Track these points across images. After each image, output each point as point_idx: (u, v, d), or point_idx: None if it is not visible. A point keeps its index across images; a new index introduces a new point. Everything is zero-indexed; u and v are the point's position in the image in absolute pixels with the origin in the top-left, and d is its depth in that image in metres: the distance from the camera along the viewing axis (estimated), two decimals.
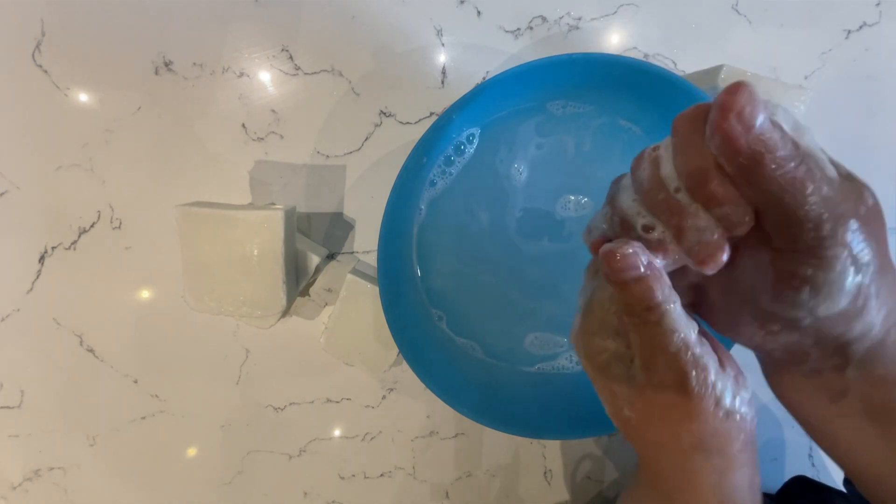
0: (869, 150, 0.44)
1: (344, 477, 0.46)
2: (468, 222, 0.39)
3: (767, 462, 0.47)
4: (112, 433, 0.45)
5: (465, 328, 0.40)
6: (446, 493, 0.46)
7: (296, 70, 0.41)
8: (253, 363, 0.44)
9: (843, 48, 0.43)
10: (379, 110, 0.42)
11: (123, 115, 0.41)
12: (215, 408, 0.45)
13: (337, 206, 0.43)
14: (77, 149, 0.41)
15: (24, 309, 0.43)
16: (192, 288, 0.38)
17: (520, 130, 0.38)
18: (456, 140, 0.38)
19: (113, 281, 0.43)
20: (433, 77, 0.42)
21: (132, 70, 0.40)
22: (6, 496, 0.45)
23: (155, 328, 0.43)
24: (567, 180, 0.38)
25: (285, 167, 0.42)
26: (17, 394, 0.44)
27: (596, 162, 0.38)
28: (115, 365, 0.44)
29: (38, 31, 0.40)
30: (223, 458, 0.45)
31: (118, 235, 0.42)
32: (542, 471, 0.47)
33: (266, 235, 0.36)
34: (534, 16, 0.41)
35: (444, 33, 0.41)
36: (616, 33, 0.42)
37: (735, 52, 0.42)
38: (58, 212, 0.42)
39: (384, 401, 0.45)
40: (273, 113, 0.41)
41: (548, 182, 0.38)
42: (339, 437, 0.45)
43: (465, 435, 0.46)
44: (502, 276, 0.40)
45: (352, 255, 0.43)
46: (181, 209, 0.36)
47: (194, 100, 0.41)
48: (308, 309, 0.44)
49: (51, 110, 0.40)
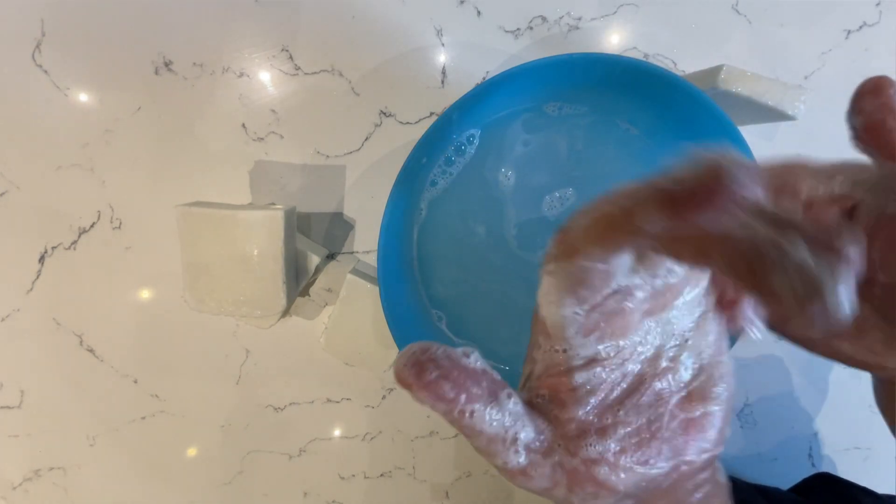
0: None
1: (344, 477, 0.46)
2: (469, 223, 0.39)
3: (768, 462, 0.47)
4: (112, 433, 0.45)
5: (465, 329, 0.40)
6: (446, 493, 0.46)
7: (296, 70, 0.41)
8: (253, 363, 0.44)
9: (843, 48, 0.43)
10: (379, 110, 0.42)
11: (123, 115, 0.41)
12: (215, 408, 0.45)
13: (337, 206, 0.43)
14: (77, 149, 0.41)
15: (24, 309, 0.43)
16: (192, 288, 0.38)
17: (519, 130, 0.38)
18: (456, 140, 0.38)
19: (113, 281, 0.43)
20: (433, 77, 0.42)
21: (132, 70, 0.40)
22: (6, 496, 0.45)
23: (155, 328, 0.43)
24: (569, 179, 0.38)
25: (285, 167, 0.42)
26: (17, 394, 0.44)
27: (600, 160, 0.38)
28: (115, 365, 0.44)
29: (38, 31, 0.40)
30: (223, 458, 0.45)
31: (118, 235, 0.42)
32: None
33: (266, 235, 0.36)
34: (534, 16, 0.41)
35: (444, 33, 0.41)
36: (616, 33, 0.42)
37: (735, 52, 0.42)
38: (58, 212, 0.42)
39: (384, 401, 0.45)
40: (273, 113, 0.41)
41: (550, 181, 0.38)
42: (339, 437, 0.45)
43: None
44: (504, 279, 0.40)
45: (352, 255, 0.43)
46: (181, 209, 0.36)
47: (194, 100, 0.41)
48: (308, 309, 0.44)
49: (51, 110, 0.41)
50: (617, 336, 0.17)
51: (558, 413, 0.17)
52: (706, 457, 0.17)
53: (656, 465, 0.16)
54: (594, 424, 0.16)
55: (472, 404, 0.15)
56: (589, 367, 0.17)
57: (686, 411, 0.17)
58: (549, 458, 0.16)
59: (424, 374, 0.15)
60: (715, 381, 0.17)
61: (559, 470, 0.16)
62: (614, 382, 0.17)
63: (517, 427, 0.16)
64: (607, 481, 0.16)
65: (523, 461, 0.16)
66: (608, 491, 0.16)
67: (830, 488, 0.38)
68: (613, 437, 0.16)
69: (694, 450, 0.17)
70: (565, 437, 0.16)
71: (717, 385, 0.17)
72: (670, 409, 0.17)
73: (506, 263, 0.40)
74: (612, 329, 0.16)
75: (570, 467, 0.16)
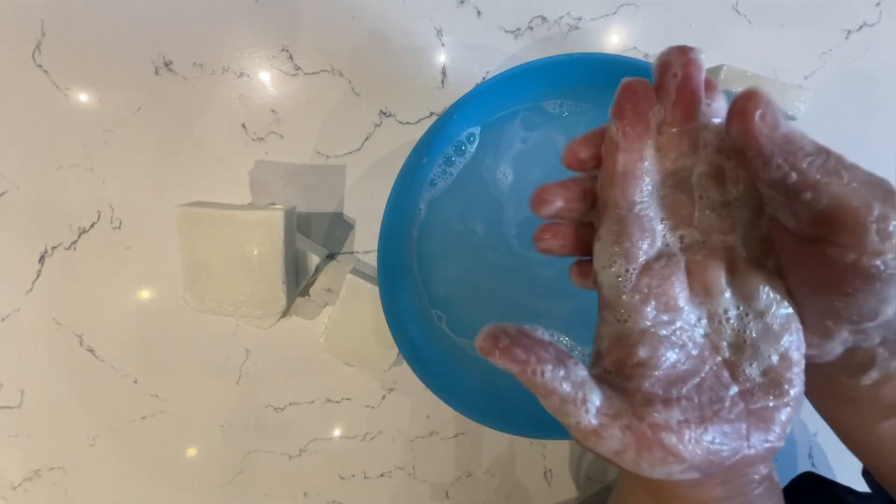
0: (869, 150, 0.44)
1: (344, 477, 0.46)
2: (469, 223, 0.39)
3: None
4: (112, 433, 0.45)
5: (466, 329, 0.40)
6: (446, 493, 0.46)
7: (296, 70, 0.41)
8: (253, 363, 0.44)
9: (843, 48, 0.43)
10: (379, 110, 0.42)
11: (123, 115, 0.41)
12: (215, 408, 0.45)
13: (337, 206, 0.43)
14: (77, 149, 0.41)
15: (24, 309, 0.43)
16: (192, 288, 0.38)
17: (519, 128, 0.38)
18: (456, 140, 0.38)
19: (113, 281, 0.43)
20: (433, 77, 0.42)
21: (132, 70, 0.40)
22: (6, 496, 0.45)
23: (155, 328, 0.43)
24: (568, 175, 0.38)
25: (285, 167, 0.42)
26: (17, 394, 0.44)
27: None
28: (115, 365, 0.44)
29: (38, 31, 0.40)
30: (223, 458, 0.45)
31: (118, 235, 0.42)
32: (542, 471, 0.47)
33: (266, 235, 0.36)
34: (534, 16, 0.41)
35: (444, 33, 0.41)
36: (616, 33, 0.42)
37: (735, 52, 0.42)
38: (58, 212, 0.42)
39: (384, 401, 0.45)
40: (273, 113, 0.41)
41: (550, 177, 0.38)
42: (339, 437, 0.45)
43: (465, 435, 0.46)
44: (504, 278, 0.40)
45: (352, 255, 0.43)
46: (181, 209, 0.36)
47: (194, 100, 0.41)
48: (308, 309, 0.44)
49: (51, 110, 0.41)
50: (671, 309, 0.19)
51: (625, 384, 0.18)
52: (767, 447, 0.18)
53: (718, 443, 0.17)
54: (659, 396, 0.18)
55: (542, 365, 0.17)
56: (650, 340, 0.18)
57: (749, 402, 0.18)
58: (619, 420, 0.17)
59: (499, 342, 0.17)
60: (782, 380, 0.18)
61: (628, 433, 0.17)
62: (676, 360, 0.18)
63: (586, 390, 0.17)
64: (675, 448, 0.17)
65: (594, 421, 0.17)
66: (675, 458, 0.17)
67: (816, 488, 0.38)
68: (678, 408, 0.17)
69: (756, 439, 0.18)
70: (632, 404, 0.18)
71: (784, 384, 0.18)
72: (731, 395, 0.18)
73: (506, 262, 0.40)
74: (666, 299, 0.19)
75: (638, 430, 0.17)
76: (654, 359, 0.18)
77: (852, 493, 0.36)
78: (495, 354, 0.17)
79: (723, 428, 0.17)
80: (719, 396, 0.18)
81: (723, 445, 0.17)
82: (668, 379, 0.18)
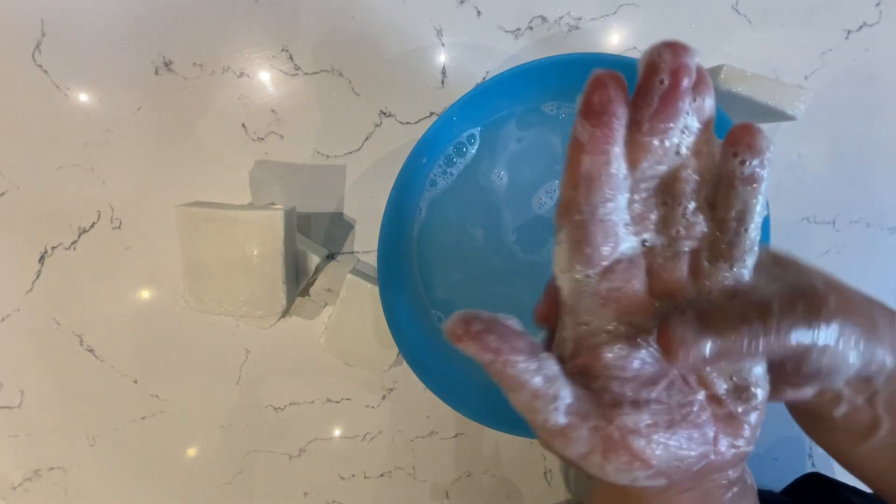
0: (869, 149, 0.44)
1: (344, 477, 0.46)
2: (468, 223, 0.39)
3: (768, 462, 0.47)
4: (112, 433, 0.45)
5: None
6: (446, 493, 0.46)
7: (296, 70, 0.41)
8: (253, 363, 0.44)
9: (843, 48, 0.43)
10: (379, 110, 0.42)
11: (123, 115, 0.41)
12: (215, 408, 0.45)
13: (337, 206, 0.43)
14: (77, 149, 0.41)
15: (24, 309, 0.43)
16: (192, 288, 0.38)
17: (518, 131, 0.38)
18: (456, 140, 0.38)
19: (113, 281, 0.43)
20: (433, 77, 0.42)
21: (132, 70, 0.40)
22: (6, 496, 0.45)
23: (155, 328, 0.43)
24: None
25: (285, 167, 0.42)
26: (17, 394, 0.44)
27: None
28: (115, 365, 0.44)
29: (38, 31, 0.40)
30: (223, 458, 0.45)
31: (118, 235, 0.42)
32: (542, 471, 0.47)
33: (266, 235, 0.36)
34: (534, 16, 0.41)
35: (444, 33, 0.41)
36: (616, 33, 0.42)
37: (735, 52, 0.42)
38: (58, 212, 0.42)
39: (384, 401, 0.45)
40: (273, 113, 0.41)
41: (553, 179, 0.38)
42: (339, 437, 0.45)
43: (465, 435, 0.46)
44: (504, 278, 0.40)
45: (352, 255, 0.43)
46: (181, 209, 0.36)
47: (194, 100, 0.41)
48: (308, 309, 0.44)
49: (51, 110, 0.40)
50: (633, 314, 0.18)
51: (593, 384, 0.18)
52: (735, 452, 0.18)
53: (685, 448, 0.17)
54: (628, 398, 0.17)
55: (515, 356, 0.16)
56: (614, 343, 0.18)
57: (717, 406, 0.18)
58: (587, 421, 0.17)
59: (471, 326, 0.16)
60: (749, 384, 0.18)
61: (596, 435, 0.17)
62: (643, 362, 0.18)
63: (557, 386, 0.17)
64: (641, 452, 0.16)
65: (563, 421, 0.16)
66: (641, 462, 0.16)
67: (821, 489, 0.38)
68: (647, 411, 0.17)
69: (724, 443, 0.18)
70: (601, 405, 0.17)
71: (750, 387, 0.18)
72: (699, 399, 0.18)
73: (506, 262, 0.40)
74: (627, 303, 0.18)
75: (605, 433, 0.16)
76: (620, 362, 0.18)
77: (857, 494, 0.36)
78: (465, 340, 0.16)
79: (691, 433, 0.17)
80: (688, 400, 0.18)
81: (689, 451, 0.17)
82: (636, 381, 0.18)
